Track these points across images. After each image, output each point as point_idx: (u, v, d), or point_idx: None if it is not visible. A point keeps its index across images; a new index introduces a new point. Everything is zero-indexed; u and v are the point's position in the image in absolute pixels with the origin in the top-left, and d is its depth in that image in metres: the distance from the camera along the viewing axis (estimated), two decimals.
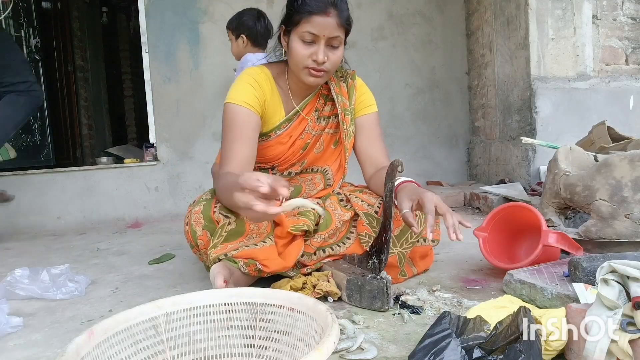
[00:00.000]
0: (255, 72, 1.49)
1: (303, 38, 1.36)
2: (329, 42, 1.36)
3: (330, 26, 1.33)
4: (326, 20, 1.33)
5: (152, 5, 3.30)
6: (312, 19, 1.33)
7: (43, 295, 1.48)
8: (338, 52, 1.40)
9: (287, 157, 1.57)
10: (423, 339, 0.86)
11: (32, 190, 3.11)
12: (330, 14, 1.33)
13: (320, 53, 1.35)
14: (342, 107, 1.56)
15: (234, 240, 1.33)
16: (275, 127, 1.52)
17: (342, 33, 1.38)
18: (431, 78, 3.71)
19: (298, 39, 1.37)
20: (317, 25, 1.33)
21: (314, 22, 1.33)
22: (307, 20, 1.33)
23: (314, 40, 1.35)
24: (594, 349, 0.78)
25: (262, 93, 1.46)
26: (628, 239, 1.52)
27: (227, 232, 1.34)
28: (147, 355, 0.82)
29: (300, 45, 1.37)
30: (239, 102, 1.43)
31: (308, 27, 1.33)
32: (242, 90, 1.45)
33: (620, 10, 2.82)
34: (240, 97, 1.43)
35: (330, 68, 1.40)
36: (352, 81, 1.60)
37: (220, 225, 1.35)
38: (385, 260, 1.25)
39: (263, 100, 1.47)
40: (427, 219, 1.19)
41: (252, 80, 1.46)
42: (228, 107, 1.45)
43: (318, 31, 1.33)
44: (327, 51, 1.37)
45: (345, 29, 1.39)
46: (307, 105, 1.56)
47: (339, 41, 1.38)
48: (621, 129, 2.20)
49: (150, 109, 3.37)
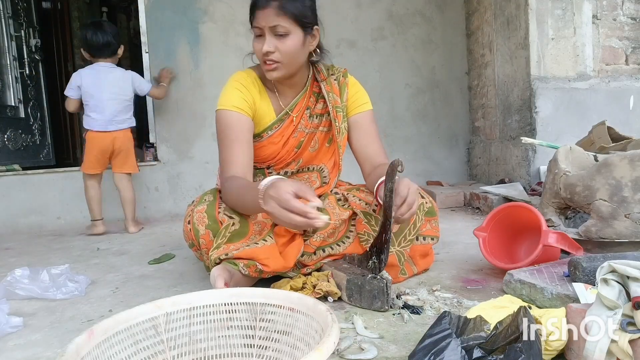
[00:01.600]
0: (241, 76, 1.52)
1: (255, 34, 1.42)
2: (273, 31, 1.38)
3: (268, 16, 1.37)
4: (265, 11, 1.37)
5: (152, 5, 3.30)
6: (256, 13, 1.39)
7: (43, 295, 1.48)
8: (287, 41, 1.39)
9: (281, 157, 1.58)
10: (423, 339, 0.86)
11: (32, 190, 3.11)
12: (267, 7, 1.37)
13: (265, 44, 1.38)
14: (333, 104, 1.57)
15: (237, 241, 1.34)
16: (267, 128, 1.54)
17: (285, 22, 1.36)
18: (431, 78, 3.71)
19: (254, 37, 1.43)
20: (259, 18, 1.38)
21: (257, 16, 1.39)
22: (254, 16, 1.40)
23: (261, 34, 1.40)
24: (594, 349, 0.78)
25: (250, 96, 1.49)
26: (628, 239, 1.52)
27: (231, 232, 1.34)
28: (147, 355, 0.82)
29: (255, 41, 1.43)
30: (229, 107, 1.46)
31: (255, 22, 1.40)
32: (230, 95, 1.48)
33: (620, 10, 2.82)
34: (230, 102, 1.47)
35: (282, 58, 1.40)
36: (343, 79, 1.61)
37: (224, 225, 1.35)
38: (385, 260, 1.25)
39: (252, 103, 1.50)
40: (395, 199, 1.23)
41: (238, 85, 1.49)
42: (219, 113, 1.48)
43: (259, 24, 1.39)
44: (274, 41, 1.39)
45: (291, 16, 1.37)
46: (297, 105, 1.57)
47: (283, 29, 1.37)
48: (621, 129, 2.20)
49: (150, 109, 3.38)
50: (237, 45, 3.40)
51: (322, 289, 1.28)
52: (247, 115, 1.47)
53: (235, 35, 3.41)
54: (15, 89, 3.68)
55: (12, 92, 3.66)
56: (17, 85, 3.69)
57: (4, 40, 3.56)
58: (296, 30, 1.39)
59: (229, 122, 1.45)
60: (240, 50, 3.39)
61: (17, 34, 3.69)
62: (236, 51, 3.40)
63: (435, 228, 1.56)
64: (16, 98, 3.69)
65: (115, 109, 2.68)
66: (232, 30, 3.41)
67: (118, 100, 2.69)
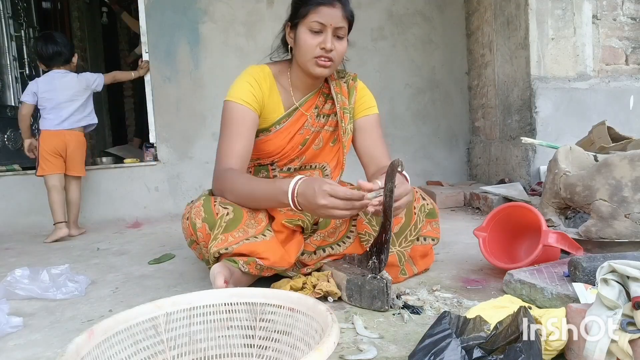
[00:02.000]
0: (254, 71, 1.54)
1: (311, 28, 1.42)
2: (335, 32, 1.42)
3: (336, 16, 1.40)
4: (333, 10, 1.40)
5: (152, 5, 3.30)
6: (320, 9, 1.40)
7: (43, 295, 1.48)
8: (343, 44, 1.46)
9: (286, 152, 1.59)
10: (423, 339, 0.86)
11: (33, 190, 3.11)
12: (336, 5, 1.40)
13: (329, 41, 1.41)
14: (341, 105, 1.60)
15: (233, 229, 1.34)
16: (275, 122, 1.56)
17: (346, 25, 1.44)
18: (431, 78, 3.71)
19: (306, 30, 1.43)
20: (325, 14, 1.40)
21: (322, 12, 1.40)
22: (315, 10, 1.40)
23: (321, 29, 1.41)
24: (594, 349, 0.78)
25: (260, 91, 1.51)
26: (628, 239, 1.52)
27: (226, 222, 1.35)
28: (147, 355, 0.82)
29: (309, 35, 1.43)
30: (237, 99, 1.48)
31: (316, 17, 1.40)
32: (240, 89, 1.50)
33: (620, 10, 2.82)
34: (238, 94, 1.49)
35: (336, 58, 1.46)
36: (352, 82, 1.65)
37: (219, 216, 1.36)
38: (385, 260, 1.25)
39: (261, 98, 1.51)
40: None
41: (250, 79, 1.51)
42: (227, 104, 1.50)
43: (325, 20, 1.40)
44: (333, 41, 1.42)
45: (349, 21, 1.46)
46: (307, 102, 1.60)
47: (344, 32, 1.44)
48: (621, 129, 2.20)
49: (150, 109, 3.38)
50: (237, 45, 3.41)
51: (322, 289, 1.28)
52: (253, 110, 1.49)
53: (235, 35, 3.41)
54: (15, 89, 3.68)
55: (12, 92, 3.66)
56: (17, 85, 3.69)
57: (4, 40, 3.56)
58: (347, 34, 1.47)
59: (234, 114, 1.47)
60: (240, 50, 3.40)
61: (17, 34, 3.69)
62: (236, 51, 3.40)
63: (436, 229, 1.57)
64: (16, 98, 3.69)
65: (70, 110, 2.79)
66: (232, 30, 3.41)
67: (73, 101, 2.81)
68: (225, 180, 1.41)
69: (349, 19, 1.45)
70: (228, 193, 1.40)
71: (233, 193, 1.39)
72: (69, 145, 2.78)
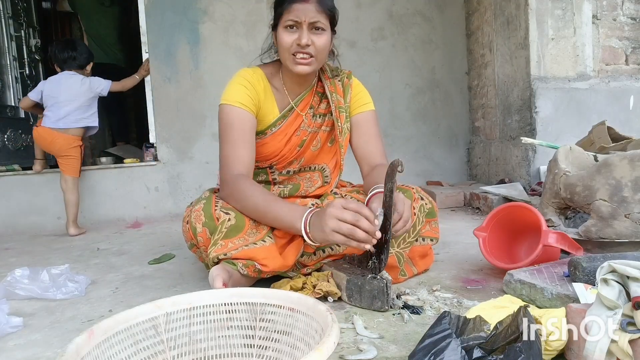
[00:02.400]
0: (247, 73, 1.52)
1: (287, 26, 1.40)
2: (311, 26, 1.39)
3: (309, 11, 1.38)
4: (305, 5, 1.38)
5: (152, 5, 3.30)
6: (292, 6, 1.38)
7: (43, 295, 1.48)
8: (323, 38, 1.42)
9: (284, 155, 1.58)
10: (423, 339, 0.86)
11: (32, 190, 3.11)
12: (309, 1, 1.38)
13: (304, 36, 1.38)
14: (336, 104, 1.58)
15: (234, 236, 1.33)
16: (271, 125, 1.54)
17: (323, 19, 1.40)
18: (431, 78, 3.71)
19: (283, 29, 1.41)
20: (297, 11, 1.38)
21: (295, 9, 1.38)
22: (289, 9, 1.39)
23: (296, 26, 1.40)
24: (594, 349, 0.78)
25: (255, 93, 1.49)
26: (628, 239, 1.52)
27: (227, 228, 1.34)
28: (147, 355, 0.82)
29: (285, 33, 1.41)
30: (234, 102, 1.45)
31: (290, 15, 1.39)
32: (235, 91, 1.47)
33: (620, 10, 2.82)
34: (234, 97, 1.46)
35: (316, 53, 1.42)
36: (347, 80, 1.62)
37: (220, 221, 1.35)
38: (385, 261, 1.25)
39: (257, 100, 1.49)
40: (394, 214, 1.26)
41: (244, 81, 1.49)
42: (223, 108, 1.47)
43: (298, 17, 1.38)
44: (311, 36, 1.40)
45: (328, 15, 1.42)
46: (301, 102, 1.58)
47: (321, 25, 1.40)
48: (621, 129, 2.20)
49: (150, 109, 3.37)
50: (237, 45, 3.41)
51: (322, 289, 1.28)
52: (250, 112, 1.47)
53: (235, 35, 3.41)
54: (15, 89, 3.68)
55: (12, 92, 3.66)
56: (17, 85, 3.69)
57: (4, 40, 3.56)
58: (328, 28, 1.43)
59: (233, 118, 1.45)
60: (240, 50, 3.40)
61: (17, 34, 3.69)
62: (236, 51, 3.40)
63: (435, 229, 1.56)
64: (16, 98, 3.69)
65: (68, 109, 2.83)
66: (232, 30, 3.41)
67: (73, 101, 2.84)
68: (236, 189, 1.37)
69: (327, 12, 1.41)
70: (238, 201, 1.37)
71: (244, 203, 1.36)
72: (55, 146, 2.83)
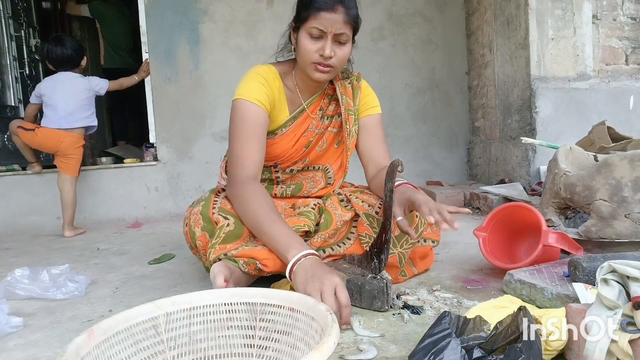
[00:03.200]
0: (263, 71, 1.49)
1: (311, 33, 1.38)
2: (335, 38, 1.38)
3: (337, 22, 1.35)
4: (333, 16, 1.35)
5: (152, 5, 3.30)
6: (320, 15, 1.35)
7: (43, 295, 1.48)
8: (345, 49, 1.41)
9: (290, 155, 1.57)
10: (423, 339, 0.86)
11: (32, 190, 3.11)
12: (337, 11, 1.35)
13: (327, 48, 1.36)
14: (346, 107, 1.57)
15: (232, 242, 1.33)
16: (282, 125, 1.53)
17: (348, 30, 1.39)
18: (431, 78, 3.71)
19: (306, 35, 1.39)
20: (324, 20, 1.35)
21: (321, 18, 1.35)
22: (315, 16, 1.36)
23: (321, 35, 1.37)
24: (594, 349, 0.78)
25: (271, 91, 1.47)
26: (628, 239, 1.52)
27: (225, 233, 1.33)
28: (147, 355, 0.82)
29: (308, 40, 1.38)
30: (250, 98, 1.42)
31: (315, 23, 1.36)
32: (252, 87, 1.44)
33: (620, 10, 2.82)
34: (251, 93, 1.43)
35: (337, 64, 1.41)
36: (357, 82, 1.61)
37: (219, 226, 1.34)
38: (385, 261, 1.25)
39: (272, 99, 1.47)
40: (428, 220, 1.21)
41: (261, 79, 1.46)
42: (238, 103, 1.43)
43: (325, 27, 1.35)
44: (334, 47, 1.38)
45: (353, 26, 1.41)
46: (312, 104, 1.57)
47: (345, 38, 1.39)
48: (621, 129, 2.20)
49: (150, 109, 3.38)
50: (237, 45, 3.41)
51: None
52: (265, 110, 1.44)
53: (235, 35, 3.41)
54: (15, 89, 3.68)
55: (12, 92, 3.66)
56: (17, 85, 3.69)
57: (4, 40, 3.56)
58: (350, 39, 1.42)
59: (247, 114, 1.41)
60: (240, 50, 3.40)
61: (17, 34, 3.69)
62: (236, 51, 3.40)
63: (436, 232, 1.56)
64: (16, 98, 3.69)
65: (68, 108, 2.82)
66: (232, 30, 3.41)
67: (72, 100, 2.83)
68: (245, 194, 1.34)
69: (352, 24, 1.39)
70: (242, 206, 1.34)
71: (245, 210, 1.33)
72: (62, 145, 2.80)
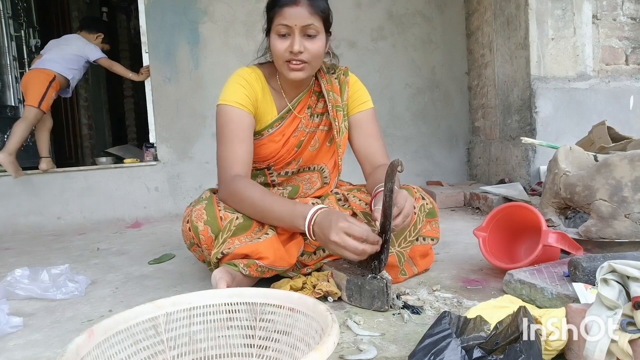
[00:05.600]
0: (245, 72, 1.50)
1: (279, 32, 1.37)
2: (303, 31, 1.35)
3: (301, 15, 1.33)
4: (296, 10, 1.33)
5: (152, 5, 3.30)
6: (283, 11, 1.34)
7: (43, 295, 1.48)
8: (317, 42, 1.38)
9: (281, 156, 1.56)
10: (423, 339, 0.86)
11: (32, 190, 3.11)
12: (299, 4, 1.34)
13: (296, 44, 1.35)
14: (333, 103, 1.56)
15: (242, 234, 1.34)
16: (268, 126, 1.53)
17: (317, 22, 1.36)
18: (431, 78, 3.71)
19: (275, 35, 1.38)
20: (288, 15, 1.34)
21: (285, 14, 1.34)
22: (280, 13, 1.35)
23: (288, 32, 1.36)
24: (594, 349, 0.78)
25: (253, 92, 1.47)
26: (628, 239, 1.52)
27: (236, 226, 1.34)
28: (147, 355, 0.82)
29: (277, 40, 1.38)
30: (231, 102, 1.44)
31: (281, 20, 1.35)
32: (233, 91, 1.45)
33: (620, 10, 2.82)
34: (232, 97, 1.44)
35: (310, 59, 1.39)
36: (344, 77, 1.59)
37: (228, 220, 1.34)
38: (385, 260, 1.25)
39: (255, 100, 1.48)
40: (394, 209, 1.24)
41: (242, 81, 1.47)
42: (221, 108, 1.46)
43: (289, 21, 1.34)
44: (303, 41, 1.36)
45: (321, 17, 1.37)
46: (299, 103, 1.56)
47: (314, 30, 1.36)
48: (621, 129, 2.20)
49: (150, 109, 3.38)
50: (237, 45, 3.41)
51: (322, 289, 1.28)
52: (248, 111, 1.45)
53: (235, 35, 3.41)
54: (15, 89, 3.69)
55: (12, 92, 3.66)
56: (17, 85, 3.70)
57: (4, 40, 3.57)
58: (322, 31, 1.39)
59: (230, 118, 1.43)
60: (240, 50, 3.40)
61: (17, 34, 3.69)
62: (236, 51, 3.40)
63: (436, 229, 1.56)
64: (16, 98, 3.69)
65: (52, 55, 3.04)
66: (232, 30, 3.41)
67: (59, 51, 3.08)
68: (235, 190, 1.35)
69: (319, 15, 1.35)
70: (238, 203, 1.36)
71: (244, 204, 1.34)
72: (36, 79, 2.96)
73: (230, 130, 1.42)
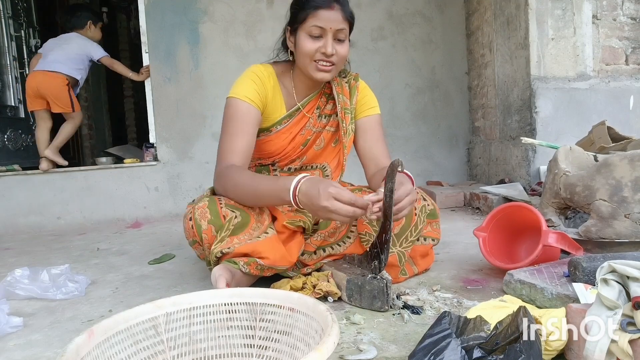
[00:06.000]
0: (258, 69, 1.53)
1: (311, 33, 1.40)
2: (335, 35, 1.41)
3: (336, 19, 1.39)
4: (332, 13, 1.38)
5: (152, 5, 3.30)
6: (318, 13, 1.38)
7: (43, 295, 1.48)
8: (345, 46, 1.45)
9: (287, 153, 1.59)
10: (423, 339, 0.86)
11: (32, 190, 3.11)
12: (334, 8, 1.39)
13: (329, 46, 1.40)
14: (342, 106, 1.59)
15: (240, 232, 1.34)
16: (276, 123, 1.55)
17: (347, 27, 1.43)
18: (431, 78, 3.71)
19: (306, 35, 1.42)
20: (324, 18, 1.38)
21: (321, 16, 1.38)
22: (314, 15, 1.39)
23: (321, 34, 1.40)
24: (594, 349, 0.78)
25: (263, 89, 1.50)
26: (628, 239, 1.52)
27: (234, 225, 1.34)
28: (147, 355, 0.82)
29: (308, 40, 1.41)
30: (241, 96, 1.47)
31: (315, 22, 1.39)
32: (244, 86, 1.49)
33: (620, 10, 2.82)
34: (242, 92, 1.47)
35: (338, 61, 1.45)
36: (354, 82, 1.64)
37: (227, 219, 1.35)
38: (385, 260, 1.25)
39: (264, 96, 1.50)
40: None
41: (254, 77, 1.50)
42: (230, 101, 1.49)
43: (325, 24, 1.38)
44: (334, 44, 1.41)
45: (349, 22, 1.45)
46: (309, 103, 1.59)
47: (344, 34, 1.43)
48: (621, 129, 2.20)
49: (150, 109, 3.37)
50: (237, 45, 3.41)
51: (322, 289, 1.28)
52: (256, 107, 1.48)
53: (235, 35, 3.41)
54: (15, 89, 3.68)
55: (12, 92, 3.66)
56: (17, 85, 3.69)
57: (4, 40, 3.56)
58: (348, 36, 1.46)
59: (237, 111, 1.46)
60: (240, 50, 3.40)
61: (17, 34, 3.68)
62: (236, 51, 3.40)
63: (436, 230, 1.57)
64: (16, 98, 3.69)
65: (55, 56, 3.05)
66: (232, 30, 3.41)
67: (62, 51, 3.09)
68: (227, 177, 1.39)
69: (349, 20, 1.44)
70: (230, 190, 1.38)
71: (236, 190, 1.37)
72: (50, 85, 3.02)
73: (235, 123, 1.45)
